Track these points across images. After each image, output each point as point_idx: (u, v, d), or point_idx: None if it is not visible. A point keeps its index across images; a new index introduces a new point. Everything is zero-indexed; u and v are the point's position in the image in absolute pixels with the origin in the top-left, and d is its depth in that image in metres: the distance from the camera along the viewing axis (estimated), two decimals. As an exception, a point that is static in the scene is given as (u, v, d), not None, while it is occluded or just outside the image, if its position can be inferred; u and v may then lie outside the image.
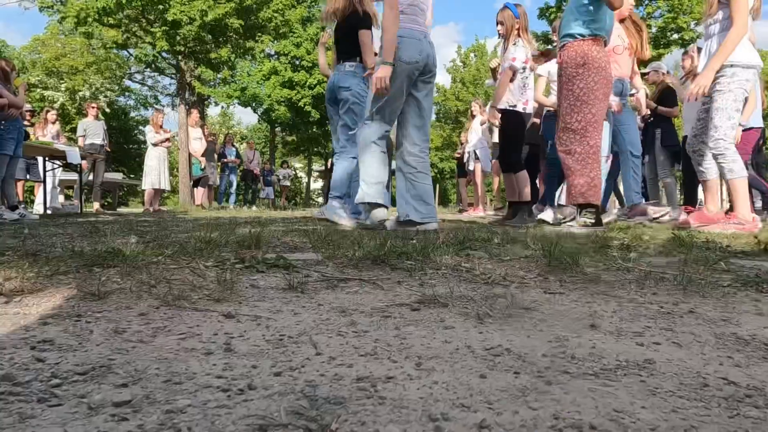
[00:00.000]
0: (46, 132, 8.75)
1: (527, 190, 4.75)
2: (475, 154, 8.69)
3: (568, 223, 3.66)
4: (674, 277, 1.58)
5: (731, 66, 3.51)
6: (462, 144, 10.38)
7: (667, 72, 6.68)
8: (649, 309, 1.23)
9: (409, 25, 3.35)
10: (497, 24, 4.71)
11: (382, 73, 3.25)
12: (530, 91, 4.76)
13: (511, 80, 4.62)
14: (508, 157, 4.90)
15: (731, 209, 5.11)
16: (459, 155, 10.18)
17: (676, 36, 18.29)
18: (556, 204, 4.85)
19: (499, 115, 4.72)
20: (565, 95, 3.58)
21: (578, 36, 3.51)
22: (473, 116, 8.87)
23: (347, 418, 0.60)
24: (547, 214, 4.42)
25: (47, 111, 9.23)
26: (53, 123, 9.08)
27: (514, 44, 4.59)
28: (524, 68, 4.63)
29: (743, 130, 5.43)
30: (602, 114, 3.58)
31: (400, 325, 1.05)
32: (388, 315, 1.13)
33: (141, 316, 1.07)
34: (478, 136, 8.69)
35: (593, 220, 3.66)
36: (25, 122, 8.64)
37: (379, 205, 3.47)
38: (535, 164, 7.07)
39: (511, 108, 4.68)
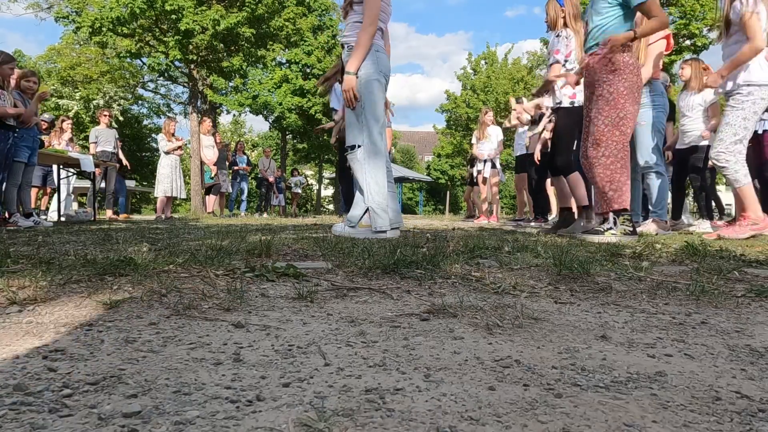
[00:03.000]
0: (60, 140, 8.86)
1: (582, 192, 4.24)
2: (493, 162, 8.65)
3: (611, 232, 3.44)
4: (687, 287, 1.56)
5: (748, 85, 3.63)
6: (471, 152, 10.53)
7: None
8: (661, 320, 1.22)
9: (380, 42, 3.50)
10: (546, 13, 4.45)
11: (349, 84, 3.36)
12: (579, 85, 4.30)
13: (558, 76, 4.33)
14: (554, 159, 4.47)
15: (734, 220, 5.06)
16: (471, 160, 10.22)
17: (688, 42, 18.19)
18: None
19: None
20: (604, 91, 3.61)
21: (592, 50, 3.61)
22: (486, 124, 8.80)
23: (355, 430, 0.60)
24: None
25: (62, 120, 9.34)
26: (66, 131, 9.19)
27: (557, 36, 4.32)
28: (566, 61, 4.30)
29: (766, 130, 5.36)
30: (610, 120, 3.50)
31: (409, 335, 1.05)
32: (397, 325, 1.12)
33: (151, 325, 1.08)
34: (492, 145, 8.63)
35: (631, 228, 3.51)
36: (41, 130, 8.78)
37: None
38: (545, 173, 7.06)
39: (557, 105, 4.41)
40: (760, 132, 5.39)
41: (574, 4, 4.32)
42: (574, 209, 4.60)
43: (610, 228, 3.47)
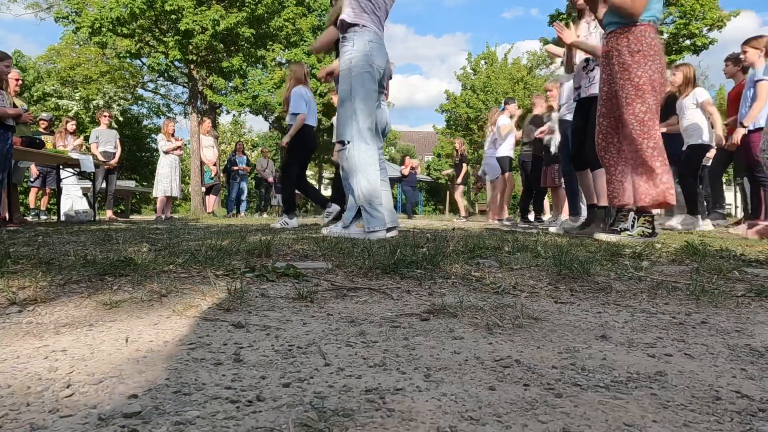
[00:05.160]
0: (66, 143, 8.84)
1: (605, 190, 3.89)
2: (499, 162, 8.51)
3: (627, 233, 3.26)
4: (687, 287, 1.56)
5: None
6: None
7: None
8: (661, 319, 1.22)
9: (373, 30, 3.35)
10: None
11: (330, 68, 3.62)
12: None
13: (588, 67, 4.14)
14: (584, 150, 4.15)
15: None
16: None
17: (688, 42, 18.20)
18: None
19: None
20: (621, 86, 3.34)
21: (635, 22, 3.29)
22: (493, 123, 8.68)
23: (355, 430, 0.60)
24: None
25: (67, 121, 9.28)
26: (73, 134, 9.15)
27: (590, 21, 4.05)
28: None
29: (751, 131, 5.26)
30: (655, 108, 3.24)
31: (409, 335, 1.04)
32: (398, 325, 1.12)
33: (152, 325, 1.08)
34: (509, 144, 8.41)
35: (650, 230, 3.28)
36: (41, 129, 8.76)
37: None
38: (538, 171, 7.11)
39: (593, 96, 4.09)
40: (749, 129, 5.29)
41: None
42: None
43: (626, 229, 3.32)
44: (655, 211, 4.67)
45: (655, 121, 3.23)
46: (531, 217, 7.80)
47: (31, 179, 9.37)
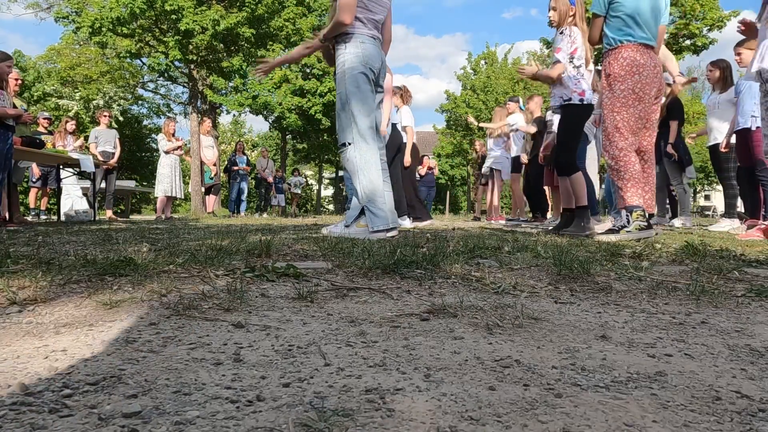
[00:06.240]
0: (66, 143, 8.82)
1: (581, 192, 4.17)
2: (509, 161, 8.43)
3: (625, 230, 3.46)
4: (687, 287, 1.56)
5: None
6: (477, 152, 10.89)
7: (674, 82, 6.57)
8: (661, 319, 1.22)
9: (368, 31, 3.38)
10: (549, 10, 4.26)
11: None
12: (585, 82, 4.15)
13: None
14: (557, 158, 4.33)
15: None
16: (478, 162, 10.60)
17: (688, 42, 18.21)
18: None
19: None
20: (602, 101, 3.74)
21: (613, 43, 3.65)
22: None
23: (355, 430, 0.60)
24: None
25: (66, 121, 9.26)
26: (73, 134, 9.13)
27: (561, 33, 4.16)
28: (572, 58, 4.11)
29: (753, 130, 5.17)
30: (633, 118, 3.57)
31: (409, 335, 1.04)
32: (398, 325, 1.12)
33: (151, 325, 1.08)
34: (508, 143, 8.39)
35: (645, 224, 3.50)
36: (41, 129, 8.76)
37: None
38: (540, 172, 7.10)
39: (566, 102, 4.17)
40: (753, 129, 5.12)
41: (582, 5, 4.19)
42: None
43: (624, 226, 3.51)
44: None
45: (611, 138, 3.62)
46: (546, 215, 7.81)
47: (33, 179, 9.35)
